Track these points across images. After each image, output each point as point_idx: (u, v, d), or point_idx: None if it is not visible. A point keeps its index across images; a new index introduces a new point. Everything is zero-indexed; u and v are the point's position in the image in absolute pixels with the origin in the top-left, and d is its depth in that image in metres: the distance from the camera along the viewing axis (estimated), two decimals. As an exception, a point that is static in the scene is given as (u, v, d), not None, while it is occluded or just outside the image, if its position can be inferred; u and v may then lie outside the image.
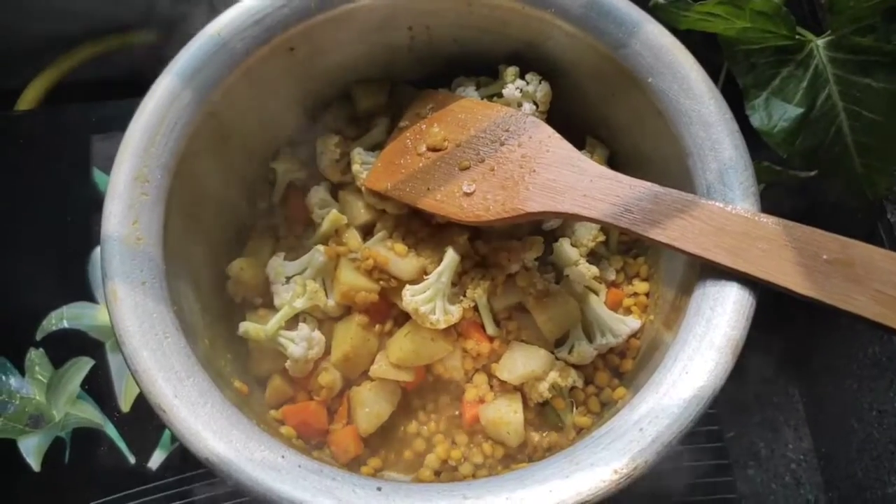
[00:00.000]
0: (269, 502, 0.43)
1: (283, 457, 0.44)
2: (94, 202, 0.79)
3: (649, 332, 0.61)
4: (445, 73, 0.68)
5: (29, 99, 0.86)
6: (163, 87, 0.54)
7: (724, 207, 0.48)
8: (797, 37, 0.64)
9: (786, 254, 0.46)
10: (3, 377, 0.72)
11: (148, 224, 0.50)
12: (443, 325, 0.58)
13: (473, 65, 0.67)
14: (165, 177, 0.52)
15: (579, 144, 0.56)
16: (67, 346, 0.74)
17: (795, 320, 0.82)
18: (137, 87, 0.86)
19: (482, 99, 0.65)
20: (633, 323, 0.62)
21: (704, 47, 0.59)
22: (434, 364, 0.60)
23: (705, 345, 0.46)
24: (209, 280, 0.60)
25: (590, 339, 0.62)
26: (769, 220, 0.48)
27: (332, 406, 0.62)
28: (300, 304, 0.60)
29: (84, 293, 0.75)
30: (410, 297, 0.58)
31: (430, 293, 0.58)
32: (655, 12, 0.60)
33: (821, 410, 0.82)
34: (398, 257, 0.60)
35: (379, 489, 0.43)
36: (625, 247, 0.68)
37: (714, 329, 0.47)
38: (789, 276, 0.46)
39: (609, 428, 0.45)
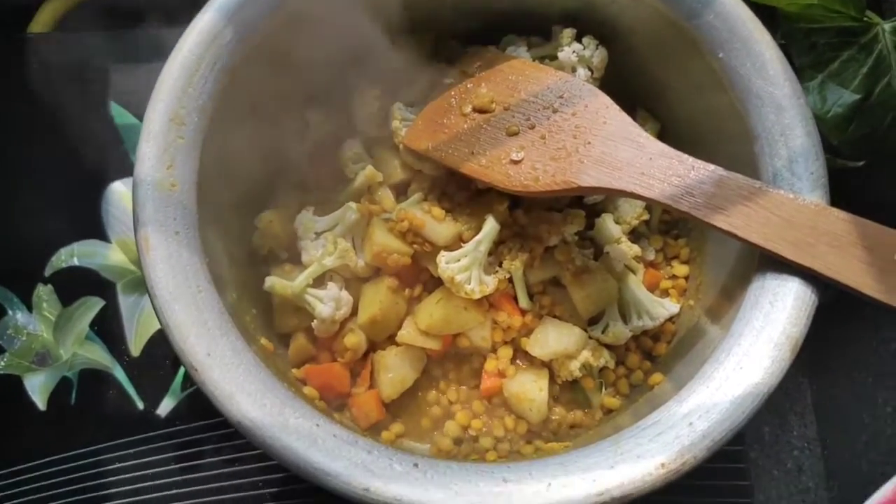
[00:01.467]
0: (301, 471, 0.41)
1: (317, 425, 0.42)
2: (109, 136, 0.75)
3: (688, 317, 0.60)
4: (494, 29, 0.64)
5: (43, 21, 0.81)
6: (203, 23, 0.50)
7: (794, 198, 0.46)
8: (864, 19, 0.60)
9: (855, 252, 0.44)
10: (10, 311, 0.70)
11: (182, 169, 0.48)
12: (477, 296, 0.56)
13: (524, 22, 0.64)
14: (202, 120, 0.49)
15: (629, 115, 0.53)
16: (77, 284, 0.71)
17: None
18: (156, 15, 0.81)
19: (533, 60, 0.61)
20: (671, 307, 0.60)
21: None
22: (461, 333, 0.59)
23: (762, 340, 0.44)
24: (236, 230, 0.57)
25: (625, 319, 0.60)
26: (840, 215, 0.45)
27: (354, 369, 0.60)
28: (330, 262, 0.57)
29: (96, 231, 0.72)
30: (446, 265, 0.55)
31: (467, 262, 0.56)
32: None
33: (830, 400, 0.81)
34: (435, 221, 0.58)
35: (416, 465, 0.42)
36: (665, 227, 0.65)
37: (772, 324, 0.45)
38: (857, 276, 0.44)
39: (656, 419, 0.43)
